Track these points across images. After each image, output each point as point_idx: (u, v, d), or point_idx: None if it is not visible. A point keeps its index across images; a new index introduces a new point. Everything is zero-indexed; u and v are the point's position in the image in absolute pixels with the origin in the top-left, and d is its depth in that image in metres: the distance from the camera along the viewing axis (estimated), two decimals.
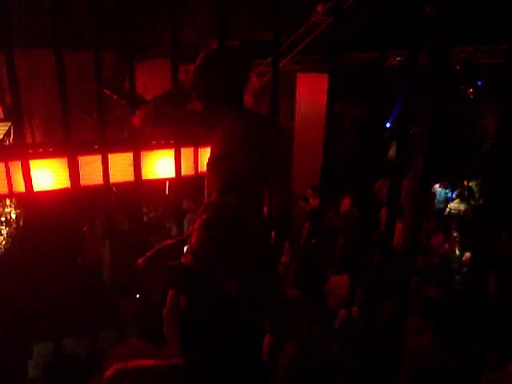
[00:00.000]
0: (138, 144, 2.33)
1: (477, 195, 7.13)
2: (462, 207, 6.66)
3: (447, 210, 6.85)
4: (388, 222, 2.04)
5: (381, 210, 4.50)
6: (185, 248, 1.82)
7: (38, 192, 2.68)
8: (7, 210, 5.62)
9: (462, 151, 8.43)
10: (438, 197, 7.28)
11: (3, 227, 5.55)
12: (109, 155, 2.31)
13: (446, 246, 5.14)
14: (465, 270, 4.66)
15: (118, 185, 3.43)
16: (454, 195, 7.19)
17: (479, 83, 8.44)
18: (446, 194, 7.27)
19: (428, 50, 1.59)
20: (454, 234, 5.13)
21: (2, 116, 6.01)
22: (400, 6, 2.20)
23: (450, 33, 1.53)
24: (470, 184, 7.30)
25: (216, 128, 1.68)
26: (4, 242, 5.49)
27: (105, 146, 2.31)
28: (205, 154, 2.64)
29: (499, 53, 7.10)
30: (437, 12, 1.53)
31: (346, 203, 6.22)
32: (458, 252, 4.96)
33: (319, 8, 5.57)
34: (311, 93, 7.50)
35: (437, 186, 7.38)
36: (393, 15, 2.05)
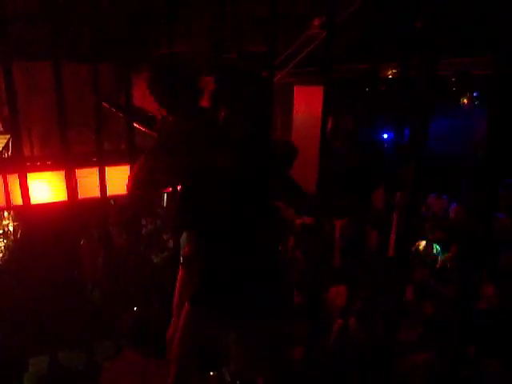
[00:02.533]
0: (135, 157, 2.34)
1: None
2: None
3: None
4: (383, 233, 2.05)
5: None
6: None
7: (35, 205, 2.69)
8: (5, 222, 5.62)
9: (456, 161, 8.45)
10: None
11: (0, 240, 5.54)
12: (106, 168, 2.32)
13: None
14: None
15: (115, 197, 3.44)
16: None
17: (474, 94, 8.50)
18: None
19: (419, 62, 1.62)
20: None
21: (1, 129, 6.03)
22: (393, 19, 2.24)
23: (439, 46, 1.56)
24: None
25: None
26: (1, 255, 5.48)
27: (102, 159, 2.32)
28: None
29: (494, 64, 7.15)
30: (426, 26, 1.56)
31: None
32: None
33: (315, 21, 5.63)
34: (308, 105, 7.55)
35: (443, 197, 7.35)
36: (387, 27, 2.08)
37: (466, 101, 7.96)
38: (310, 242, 5.43)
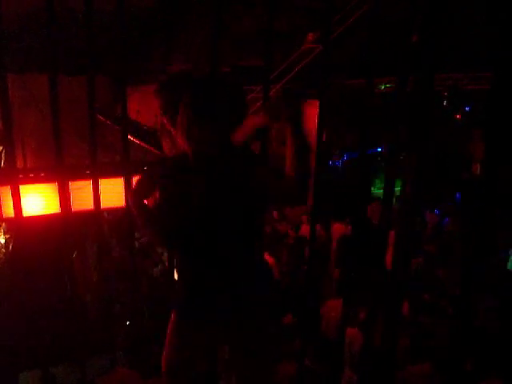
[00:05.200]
0: (130, 169, 2.33)
1: None
2: None
3: None
4: (380, 246, 2.04)
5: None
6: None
7: (27, 217, 2.66)
8: None
9: (449, 176, 8.54)
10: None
11: None
12: (100, 180, 2.30)
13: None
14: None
15: (109, 210, 3.41)
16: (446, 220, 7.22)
17: (467, 109, 8.61)
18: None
19: (415, 76, 1.63)
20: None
21: None
22: (388, 34, 2.27)
23: (434, 61, 1.57)
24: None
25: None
26: None
27: (96, 171, 2.30)
28: None
29: (485, 79, 7.29)
30: (421, 40, 1.57)
31: (337, 227, 6.26)
32: None
33: (309, 36, 5.70)
34: (303, 118, 7.60)
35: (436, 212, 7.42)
36: (382, 42, 2.10)
37: (459, 116, 8.08)
38: (303, 255, 5.44)
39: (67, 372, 2.96)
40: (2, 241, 5.59)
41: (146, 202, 1.68)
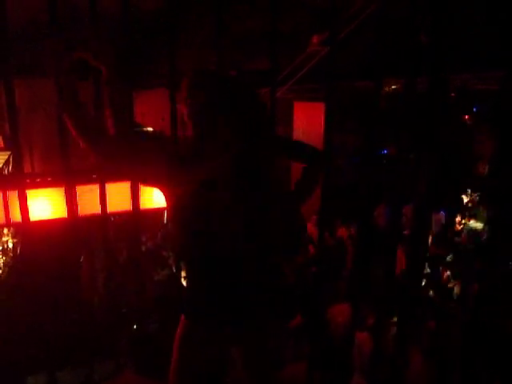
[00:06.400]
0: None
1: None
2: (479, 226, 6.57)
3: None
4: (389, 249, 2.02)
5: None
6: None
7: (35, 221, 2.67)
8: (4, 238, 5.59)
9: (459, 176, 8.46)
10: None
11: (0, 256, 5.51)
12: (107, 184, 2.30)
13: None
14: None
15: (116, 214, 3.42)
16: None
17: (475, 109, 8.55)
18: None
19: (425, 76, 1.61)
20: None
21: (2, 145, 6.05)
22: (396, 35, 2.25)
23: (443, 61, 1.55)
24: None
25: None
26: (0, 271, 5.44)
27: (103, 176, 2.30)
28: None
29: (494, 80, 7.22)
30: (430, 40, 1.56)
31: (342, 230, 6.24)
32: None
33: (314, 39, 5.67)
34: (308, 121, 7.58)
35: (441, 213, 7.35)
36: (390, 43, 2.08)
37: (467, 116, 8.01)
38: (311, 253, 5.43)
39: (71, 376, 2.96)
40: (10, 245, 5.62)
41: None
